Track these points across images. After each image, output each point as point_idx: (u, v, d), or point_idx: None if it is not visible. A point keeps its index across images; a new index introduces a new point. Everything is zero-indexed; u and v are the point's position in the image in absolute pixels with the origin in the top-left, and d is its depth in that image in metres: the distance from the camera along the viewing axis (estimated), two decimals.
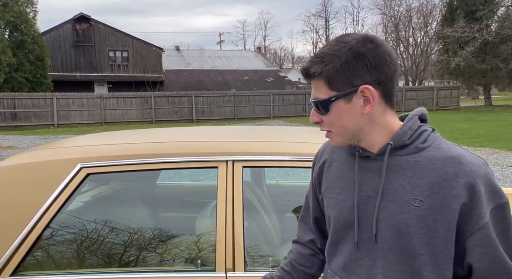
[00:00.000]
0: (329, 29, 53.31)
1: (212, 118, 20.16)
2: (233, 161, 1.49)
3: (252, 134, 1.80)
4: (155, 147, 1.51)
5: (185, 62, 33.78)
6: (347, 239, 0.88)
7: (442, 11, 29.73)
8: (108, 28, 27.69)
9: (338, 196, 0.89)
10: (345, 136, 0.86)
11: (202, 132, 1.89)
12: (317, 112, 0.85)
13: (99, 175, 1.46)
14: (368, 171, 0.85)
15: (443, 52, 24.81)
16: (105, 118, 19.07)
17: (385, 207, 0.81)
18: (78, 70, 26.84)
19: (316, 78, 0.82)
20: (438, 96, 22.92)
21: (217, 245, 1.39)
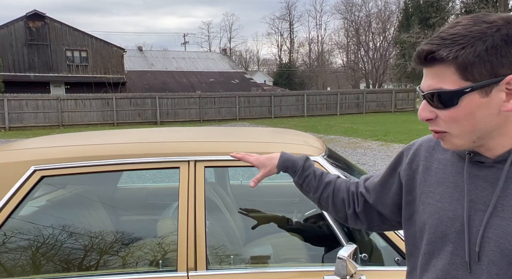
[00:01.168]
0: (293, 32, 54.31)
1: (177, 120, 19.83)
2: (195, 161, 1.49)
3: (214, 134, 1.82)
4: (113, 148, 1.49)
5: (149, 63, 33.00)
6: (442, 253, 0.76)
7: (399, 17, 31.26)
8: (65, 26, 26.47)
9: (436, 203, 0.78)
10: (469, 138, 0.71)
11: (164, 133, 1.87)
12: (433, 106, 0.70)
13: (54, 178, 1.41)
14: (479, 179, 0.73)
15: (400, 57, 26.05)
16: (63, 120, 18.19)
17: (497, 224, 0.69)
18: (32, 70, 25.42)
19: (442, 64, 0.67)
20: (396, 99, 23.98)
21: (179, 245, 1.39)
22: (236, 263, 1.49)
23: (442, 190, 0.79)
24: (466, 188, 0.74)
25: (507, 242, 0.68)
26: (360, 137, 12.12)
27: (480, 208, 0.72)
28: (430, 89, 0.70)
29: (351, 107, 22.90)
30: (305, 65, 53.81)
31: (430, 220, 0.78)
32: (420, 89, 0.73)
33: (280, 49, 55.33)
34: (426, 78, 0.71)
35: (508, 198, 0.69)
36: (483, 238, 0.70)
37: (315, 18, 77.59)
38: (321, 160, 1.53)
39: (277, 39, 76.94)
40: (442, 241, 0.76)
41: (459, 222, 0.74)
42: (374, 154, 9.21)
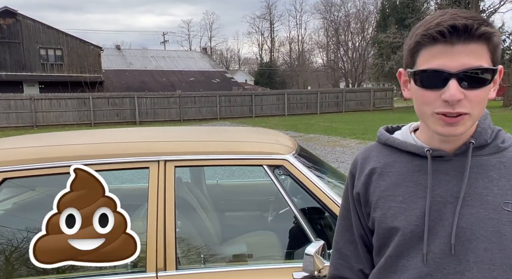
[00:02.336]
0: (274, 32, 54.47)
1: (157, 120, 19.57)
2: (165, 161, 1.48)
3: (186, 134, 1.81)
4: (80, 148, 1.46)
5: (127, 62, 32.40)
6: (413, 253, 0.75)
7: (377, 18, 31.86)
8: (38, 24, 25.65)
9: (400, 205, 0.77)
10: (475, 121, 0.73)
11: (134, 132, 1.85)
12: (465, 85, 0.68)
13: (16, 180, 1.37)
14: (440, 173, 0.75)
15: (378, 56, 26.59)
16: (37, 120, 17.64)
17: (469, 213, 0.71)
18: (3, 69, 24.51)
19: (477, 43, 0.67)
20: (374, 98, 24.43)
21: (148, 246, 1.38)
22: (208, 262, 1.49)
23: (403, 191, 0.78)
24: (430, 183, 0.74)
25: (481, 228, 0.70)
26: (339, 136, 12.30)
27: (448, 201, 0.73)
28: (469, 67, 0.67)
29: (331, 106, 23.18)
30: (286, 64, 54.14)
31: (396, 223, 0.77)
32: (444, 70, 0.67)
33: (261, 48, 55.50)
34: (457, 56, 0.67)
35: (473, 187, 0.72)
36: (457, 229, 0.71)
37: (295, 17, 78.09)
38: (291, 159, 1.55)
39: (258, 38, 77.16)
40: (412, 241, 0.75)
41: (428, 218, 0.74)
42: (353, 152, 9.37)
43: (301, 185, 1.51)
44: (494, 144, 0.76)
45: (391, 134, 0.89)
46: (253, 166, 1.54)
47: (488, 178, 0.73)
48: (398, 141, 0.83)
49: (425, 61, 0.70)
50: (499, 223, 0.70)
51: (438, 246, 0.72)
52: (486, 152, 0.75)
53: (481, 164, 0.74)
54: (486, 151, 0.75)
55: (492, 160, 0.75)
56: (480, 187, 0.72)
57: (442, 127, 0.71)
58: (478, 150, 0.75)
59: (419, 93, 0.73)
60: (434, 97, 0.70)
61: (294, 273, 1.37)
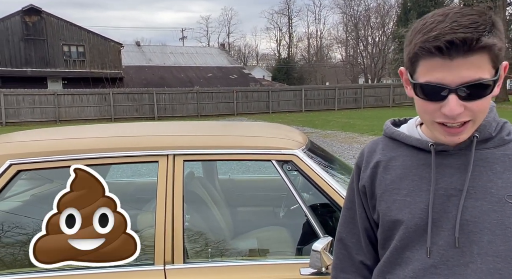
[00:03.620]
0: (292, 27, 54.13)
1: (175, 115, 19.81)
2: (174, 155, 1.49)
3: (196, 128, 1.81)
4: (92, 142, 1.48)
5: (146, 58, 32.86)
6: (417, 245, 0.76)
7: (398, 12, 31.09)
8: (62, 21, 26.31)
9: (405, 198, 0.78)
10: (477, 126, 0.73)
11: (144, 127, 1.87)
12: (466, 98, 0.67)
13: (30, 172, 1.40)
14: (445, 167, 0.75)
15: (399, 51, 25.96)
16: (60, 116, 18.16)
17: (473, 205, 0.72)
18: (29, 65, 25.30)
19: (479, 53, 0.64)
20: (394, 93, 23.94)
21: (156, 239, 1.39)
22: (216, 257, 1.50)
23: (407, 184, 0.79)
24: (433, 176, 0.75)
25: (485, 221, 0.71)
26: (357, 132, 12.12)
27: (452, 193, 0.74)
28: (468, 80, 0.65)
29: (349, 102, 22.87)
30: (304, 60, 53.67)
31: (400, 216, 0.78)
32: (441, 84, 0.66)
33: (279, 44, 55.19)
34: (456, 70, 0.65)
35: (477, 180, 0.73)
36: (461, 222, 0.72)
37: (314, 12, 77.31)
38: (300, 154, 1.53)
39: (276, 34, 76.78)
40: (416, 234, 0.76)
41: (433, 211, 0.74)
42: None
43: (310, 180, 1.49)
44: (499, 137, 0.76)
45: (398, 127, 0.90)
46: (262, 160, 1.53)
47: (492, 171, 0.73)
48: (403, 135, 0.84)
49: (424, 73, 0.69)
50: (503, 215, 0.70)
51: (442, 238, 0.73)
52: (491, 145, 0.75)
53: (485, 157, 0.75)
54: (490, 144, 0.76)
55: (496, 153, 0.75)
56: (484, 180, 0.73)
57: (445, 137, 0.73)
58: (482, 144, 0.76)
59: (420, 102, 0.73)
60: (434, 108, 0.70)
61: (302, 269, 1.36)
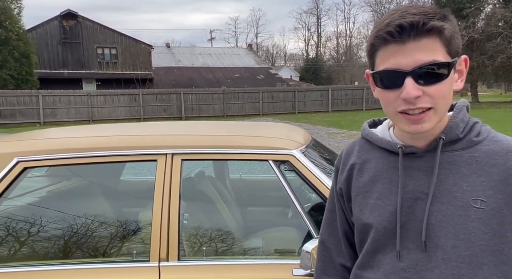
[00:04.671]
0: (321, 26, 53.48)
1: (201, 115, 20.12)
2: (172, 154, 1.52)
3: (196, 128, 1.83)
4: (92, 141, 1.54)
5: (176, 59, 33.60)
6: (388, 248, 0.75)
7: None
8: (96, 24, 27.43)
9: (376, 201, 0.78)
10: (441, 115, 0.71)
11: (145, 126, 1.91)
12: (422, 82, 0.67)
13: (36, 169, 1.47)
14: (413, 170, 0.74)
15: None
16: (93, 115, 18.92)
17: (438, 209, 0.71)
18: (66, 67, 26.56)
19: (429, 38, 0.66)
20: None
21: (152, 236, 1.42)
22: (211, 255, 1.51)
23: (379, 187, 0.79)
24: (401, 180, 0.74)
25: (449, 225, 0.69)
26: None
27: (419, 197, 0.73)
28: (422, 63, 0.66)
29: (378, 102, 21.03)
30: (333, 59, 52.90)
31: (371, 219, 0.78)
32: (398, 69, 0.67)
33: (307, 43, 54.75)
34: (410, 54, 0.67)
35: (443, 183, 0.71)
36: (428, 226, 0.70)
37: (344, 11, 76.03)
38: (298, 154, 1.51)
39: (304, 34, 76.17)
40: (386, 237, 0.76)
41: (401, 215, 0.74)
42: None
43: (306, 181, 1.47)
44: (467, 139, 0.74)
45: (375, 128, 0.88)
46: (259, 160, 1.53)
47: (458, 174, 0.71)
48: (375, 137, 0.83)
49: (381, 62, 0.71)
50: (467, 220, 0.69)
51: (411, 242, 0.73)
52: (458, 147, 0.74)
53: (452, 160, 0.73)
54: (458, 146, 0.74)
55: (464, 155, 0.73)
56: (449, 184, 0.71)
57: (408, 126, 0.71)
58: (450, 145, 0.74)
59: (382, 94, 0.73)
60: (394, 97, 0.70)
61: (294, 270, 1.34)
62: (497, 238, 0.68)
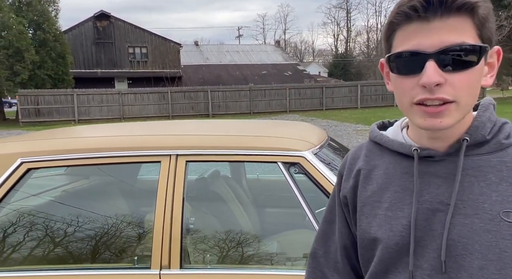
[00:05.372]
0: (351, 21, 52.22)
1: (228, 112, 20.19)
2: (177, 155, 1.45)
3: (204, 128, 1.75)
4: (96, 141, 1.49)
5: (204, 57, 33.95)
6: (400, 268, 0.64)
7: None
8: (127, 24, 28.19)
9: (386, 212, 0.67)
10: (464, 114, 0.60)
11: (150, 126, 1.86)
12: (446, 67, 0.57)
13: (40, 170, 1.45)
14: (431, 176, 0.64)
15: None
16: (124, 113, 19.46)
17: (461, 223, 0.60)
18: (99, 67, 27.50)
19: (458, 17, 0.56)
20: None
21: (154, 242, 1.36)
22: (215, 263, 1.42)
23: (389, 197, 0.67)
24: (416, 187, 0.63)
25: (475, 242, 0.58)
26: None
27: (438, 208, 0.62)
28: (449, 44, 0.56)
29: None
30: (363, 54, 51.56)
31: (380, 233, 0.66)
32: (420, 51, 0.57)
33: (336, 39, 53.63)
34: (435, 33, 0.56)
35: (467, 192, 0.60)
36: (448, 242, 0.59)
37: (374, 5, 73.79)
38: (309, 156, 1.40)
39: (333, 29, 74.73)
40: (398, 254, 0.64)
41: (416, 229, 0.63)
42: None
43: (317, 184, 1.35)
44: (496, 141, 0.63)
45: (385, 130, 0.76)
46: (267, 162, 1.43)
47: (486, 181, 0.60)
48: (386, 139, 0.71)
49: (400, 44, 0.60)
50: (497, 236, 0.57)
51: (427, 261, 0.61)
52: (485, 150, 0.62)
53: (478, 165, 0.62)
54: (485, 149, 0.63)
55: (492, 159, 0.61)
56: (475, 193, 0.60)
57: (425, 119, 0.60)
58: (475, 148, 0.63)
59: (397, 82, 0.62)
60: (412, 84, 0.59)
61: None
62: None
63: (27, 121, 18.01)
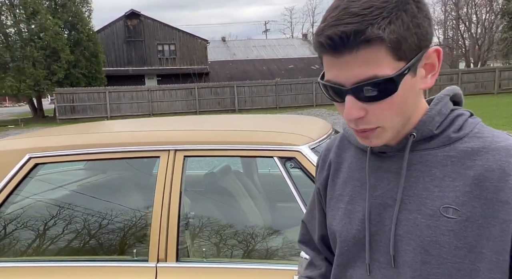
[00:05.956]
0: None
1: (254, 107, 20.23)
2: (175, 150, 1.46)
3: (201, 123, 1.76)
4: (100, 137, 1.54)
5: (231, 52, 34.12)
6: (359, 261, 0.67)
7: None
8: (156, 22, 28.79)
9: (346, 206, 0.69)
10: (398, 128, 0.60)
11: (149, 122, 1.89)
12: (365, 100, 0.56)
13: (46, 165, 1.51)
14: (384, 172, 0.65)
15: (508, 29, 22.40)
16: (153, 109, 19.97)
17: (406, 218, 0.60)
18: (130, 65, 28.33)
19: (369, 47, 0.53)
20: (500, 78, 20.78)
21: (151, 236, 1.38)
22: (212, 257, 1.43)
23: (350, 191, 0.70)
24: (369, 183, 0.66)
25: (417, 237, 0.59)
26: None
27: (388, 203, 0.63)
28: (360, 79, 0.54)
29: (440, 89, 20.55)
30: None
31: (340, 226, 0.69)
32: (336, 84, 0.57)
33: None
34: (347, 68, 0.55)
35: (413, 188, 0.61)
36: (396, 238, 0.61)
37: None
38: (306, 151, 1.37)
39: None
40: (356, 247, 0.67)
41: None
42: None
43: (312, 179, 1.32)
44: (445, 135, 0.62)
45: None
46: (264, 157, 1.42)
47: (430, 176, 0.60)
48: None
49: (326, 70, 0.59)
50: (437, 232, 0.58)
51: (382, 255, 0.64)
52: (434, 144, 0.62)
53: (425, 159, 0.62)
54: (434, 143, 0.62)
55: (439, 154, 0.61)
56: (420, 188, 0.61)
57: (360, 138, 0.63)
58: (424, 143, 0.62)
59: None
60: (342, 109, 0.60)
61: (295, 277, 1.22)
62: (473, 255, 0.56)
63: (63, 118, 18.90)
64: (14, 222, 1.52)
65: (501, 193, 0.55)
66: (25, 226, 1.52)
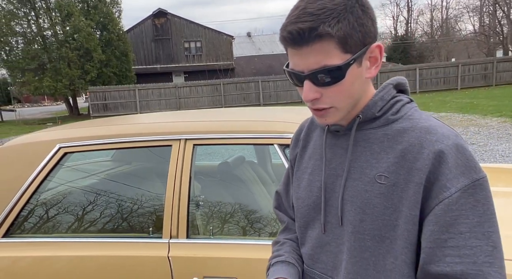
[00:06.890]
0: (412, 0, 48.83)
1: (279, 102, 20.28)
2: (186, 139, 1.61)
3: (210, 115, 1.90)
4: (121, 129, 1.72)
5: (256, 48, 34.21)
6: (316, 223, 0.80)
7: None
8: (183, 20, 29.33)
9: (309, 177, 0.83)
10: (348, 109, 0.74)
11: (162, 115, 2.05)
12: (319, 84, 0.69)
13: (74, 154, 1.71)
14: (337, 147, 0.78)
15: None
16: (180, 106, 20.49)
17: (350, 185, 0.74)
18: (158, 62, 29.09)
19: (323, 41, 0.65)
20: None
21: (165, 216, 1.55)
22: (218, 234, 1.58)
23: (313, 164, 0.84)
24: (325, 157, 0.79)
25: (358, 200, 0.73)
26: (478, 114, 10.47)
27: (339, 174, 0.77)
28: (315, 67, 0.68)
29: (476, 80, 19.70)
30: (426, 35, 48.03)
31: (303, 194, 0.83)
32: (297, 71, 0.70)
33: (395, 20, 50.55)
34: (305, 58, 0.68)
35: (357, 160, 0.75)
36: (343, 201, 0.75)
37: None
38: None
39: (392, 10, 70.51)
40: (315, 211, 0.81)
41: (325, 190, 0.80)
42: (490, 132, 7.88)
43: None
44: (385, 117, 0.75)
45: None
46: (265, 145, 1.54)
47: (370, 151, 0.74)
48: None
49: (289, 60, 0.73)
50: (371, 195, 0.71)
51: (333, 217, 0.77)
52: (376, 125, 0.75)
53: (368, 137, 0.75)
54: (375, 124, 0.76)
55: (378, 133, 0.75)
56: (362, 160, 0.74)
57: (317, 117, 0.76)
58: (368, 124, 0.76)
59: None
60: (302, 92, 0.73)
61: None
62: (396, 213, 0.69)
63: (96, 116, 19.77)
64: (48, 204, 1.73)
65: (417, 162, 0.68)
66: (56, 207, 1.73)
